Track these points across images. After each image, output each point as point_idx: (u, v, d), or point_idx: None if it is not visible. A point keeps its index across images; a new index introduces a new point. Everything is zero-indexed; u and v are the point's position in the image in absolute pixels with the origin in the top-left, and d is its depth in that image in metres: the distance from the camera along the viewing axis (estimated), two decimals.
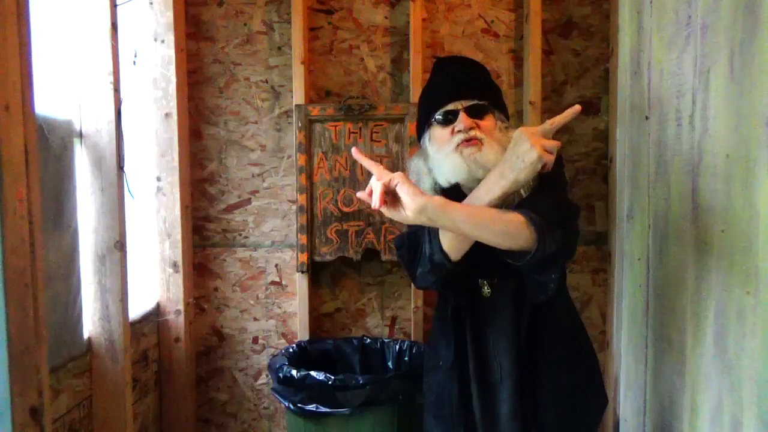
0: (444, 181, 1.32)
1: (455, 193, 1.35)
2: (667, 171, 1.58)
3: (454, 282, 1.36)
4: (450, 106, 1.29)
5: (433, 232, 1.23)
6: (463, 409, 1.38)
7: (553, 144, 1.12)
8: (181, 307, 2.10)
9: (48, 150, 1.47)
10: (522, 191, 1.24)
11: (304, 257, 2.08)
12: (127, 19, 1.89)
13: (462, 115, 1.27)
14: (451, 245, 1.20)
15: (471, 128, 1.26)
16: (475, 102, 1.29)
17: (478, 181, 1.27)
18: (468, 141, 1.26)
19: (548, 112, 2.10)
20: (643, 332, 1.78)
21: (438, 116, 1.30)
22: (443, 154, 1.29)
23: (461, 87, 1.31)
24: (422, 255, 1.28)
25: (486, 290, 1.35)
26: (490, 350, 1.35)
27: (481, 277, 1.34)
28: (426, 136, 1.37)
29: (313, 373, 1.66)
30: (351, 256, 2.10)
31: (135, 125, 2.00)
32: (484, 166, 1.25)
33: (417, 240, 1.31)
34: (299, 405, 1.66)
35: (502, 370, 1.34)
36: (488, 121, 1.30)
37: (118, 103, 1.65)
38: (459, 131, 1.26)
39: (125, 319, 1.69)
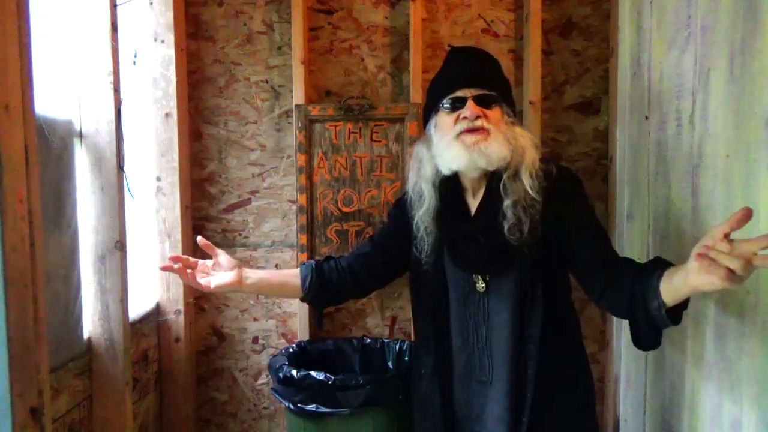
0: (445, 169, 1.32)
1: (454, 181, 1.35)
2: (667, 171, 1.58)
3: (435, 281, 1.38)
4: (459, 93, 1.29)
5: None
6: (445, 417, 1.37)
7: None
8: (181, 307, 2.10)
9: (48, 150, 1.47)
10: (529, 189, 1.26)
11: (304, 257, 2.08)
12: (127, 19, 1.88)
13: (470, 103, 1.27)
14: None
15: (477, 117, 1.26)
16: (485, 92, 1.29)
17: (479, 170, 1.29)
18: (472, 130, 1.27)
19: (548, 112, 2.10)
20: None
21: (446, 103, 1.30)
22: (446, 141, 1.30)
23: (472, 75, 1.31)
24: None
25: (480, 285, 1.34)
26: (483, 348, 1.35)
27: (475, 273, 1.34)
28: (432, 122, 1.37)
29: (313, 373, 1.66)
30: None
31: (135, 125, 1.99)
32: (488, 156, 1.26)
33: None
34: (299, 405, 1.66)
35: (493, 369, 1.33)
36: (496, 113, 1.30)
37: (118, 103, 1.65)
38: (464, 118, 1.27)
39: (125, 319, 1.69)
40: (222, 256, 1.42)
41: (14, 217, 1.16)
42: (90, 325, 1.66)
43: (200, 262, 1.41)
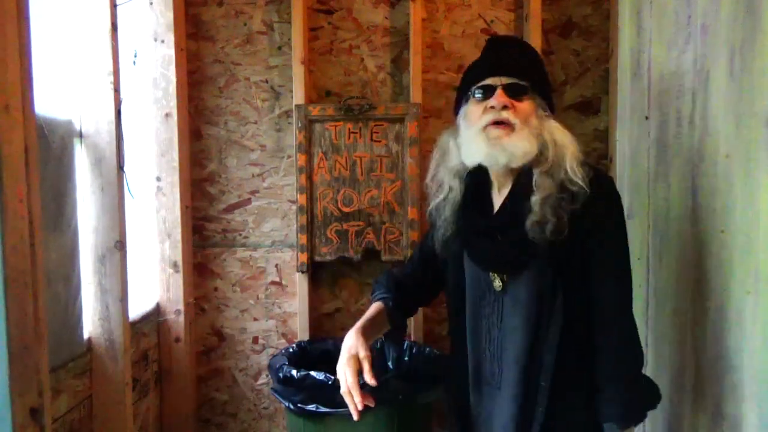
0: (469, 162, 1.26)
1: (481, 175, 1.30)
2: (667, 171, 1.58)
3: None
4: (489, 81, 1.22)
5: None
6: (460, 419, 1.35)
7: None
8: (181, 307, 2.10)
9: (48, 150, 1.47)
10: (574, 180, 1.17)
11: (304, 257, 2.08)
12: (127, 19, 1.88)
13: (498, 92, 1.20)
14: None
15: (504, 107, 1.19)
16: (515, 81, 1.21)
17: (502, 166, 1.22)
18: (497, 122, 1.20)
19: None
20: (643, 332, 1.78)
21: (476, 91, 1.24)
22: (472, 131, 1.23)
23: (503, 63, 1.24)
24: None
25: (497, 284, 1.27)
26: (494, 351, 1.28)
27: (491, 271, 1.27)
28: (462, 112, 1.30)
29: (313, 373, 1.66)
30: (351, 256, 2.09)
31: (135, 125, 1.99)
32: (509, 153, 1.19)
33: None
34: (299, 405, 1.66)
35: (502, 374, 1.26)
36: (526, 104, 1.22)
37: (118, 103, 1.65)
38: (492, 108, 1.20)
39: (125, 319, 1.69)
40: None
41: (14, 217, 1.16)
42: (90, 325, 1.66)
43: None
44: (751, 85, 1.16)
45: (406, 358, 1.99)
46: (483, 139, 1.20)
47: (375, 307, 1.41)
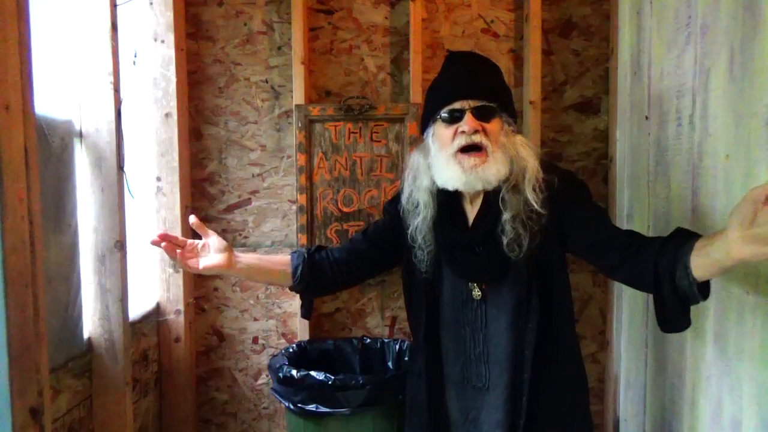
0: (441, 184, 1.31)
1: (452, 194, 1.35)
2: (667, 171, 1.58)
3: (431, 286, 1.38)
4: (457, 105, 1.27)
5: None
6: (432, 420, 1.37)
7: None
8: (181, 307, 2.10)
9: (48, 150, 1.47)
10: (533, 203, 1.24)
11: None
12: (127, 19, 1.88)
13: (468, 116, 1.25)
14: None
15: (476, 131, 1.24)
16: (484, 103, 1.26)
17: (479, 190, 1.29)
18: (470, 149, 1.25)
19: (548, 112, 2.10)
20: (643, 332, 1.78)
21: (444, 114, 1.28)
22: (443, 157, 1.28)
23: (471, 86, 1.28)
24: None
25: (476, 293, 1.33)
26: (480, 354, 1.34)
27: (472, 281, 1.34)
28: (430, 131, 1.35)
29: (313, 373, 1.66)
30: None
31: (135, 125, 1.99)
32: (485, 180, 1.25)
33: None
34: (299, 405, 1.66)
35: (490, 376, 1.32)
36: (495, 125, 1.27)
37: (118, 103, 1.65)
38: (463, 132, 1.25)
39: (125, 319, 1.69)
40: (212, 237, 1.37)
41: (14, 217, 1.16)
42: (90, 325, 1.66)
43: (189, 241, 1.36)
44: (751, 85, 1.16)
45: (406, 358, 1.99)
46: (458, 168, 1.26)
47: (282, 257, 1.51)
